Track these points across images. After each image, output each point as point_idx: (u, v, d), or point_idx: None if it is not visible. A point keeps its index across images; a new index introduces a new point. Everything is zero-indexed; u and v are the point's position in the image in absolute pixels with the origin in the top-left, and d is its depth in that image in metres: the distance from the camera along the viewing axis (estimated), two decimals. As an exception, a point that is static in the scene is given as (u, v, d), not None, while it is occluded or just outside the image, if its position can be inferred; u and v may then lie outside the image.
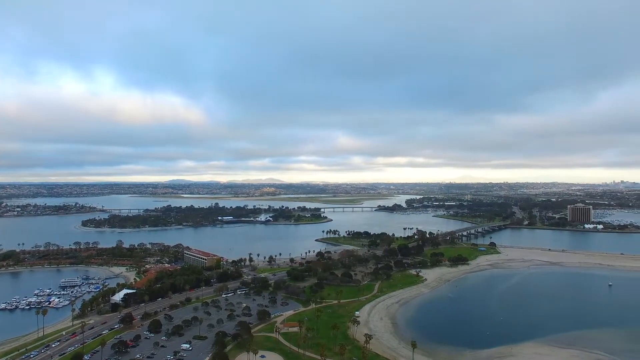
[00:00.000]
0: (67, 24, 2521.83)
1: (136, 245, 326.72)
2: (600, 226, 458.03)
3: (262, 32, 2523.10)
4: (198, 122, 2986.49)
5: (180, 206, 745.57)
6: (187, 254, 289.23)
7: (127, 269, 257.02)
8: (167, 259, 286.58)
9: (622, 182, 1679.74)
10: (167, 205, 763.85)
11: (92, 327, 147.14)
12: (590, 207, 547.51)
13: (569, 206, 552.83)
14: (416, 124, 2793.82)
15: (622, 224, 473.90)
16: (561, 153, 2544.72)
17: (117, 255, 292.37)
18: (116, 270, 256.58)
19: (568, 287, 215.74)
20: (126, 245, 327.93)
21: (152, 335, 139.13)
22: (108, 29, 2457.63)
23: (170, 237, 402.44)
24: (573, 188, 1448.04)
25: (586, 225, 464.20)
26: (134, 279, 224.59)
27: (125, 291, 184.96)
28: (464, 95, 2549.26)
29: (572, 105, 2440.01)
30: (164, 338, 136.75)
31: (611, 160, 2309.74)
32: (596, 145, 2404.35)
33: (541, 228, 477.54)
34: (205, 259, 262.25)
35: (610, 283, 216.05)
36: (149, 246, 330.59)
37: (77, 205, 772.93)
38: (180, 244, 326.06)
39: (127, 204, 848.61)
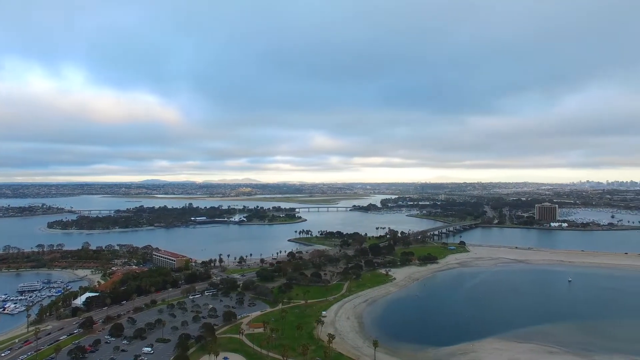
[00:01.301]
0: (34, 18, 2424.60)
1: (104, 247, 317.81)
2: (565, 224, 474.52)
3: (238, 31, 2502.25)
4: (173, 122, 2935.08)
5: (154, 207, 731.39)
6: (156, 255, 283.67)
7: (92, 271, 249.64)
8: (136, 261, 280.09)
9: (587, 182, 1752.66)
10: (140, 206, 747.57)
11: (49, 333, 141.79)
12: (556, 206, 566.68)
13: (536, 205, 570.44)
14: (392, 124, 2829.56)
15: (584, 222, 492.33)
16: (530, 154, 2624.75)
17: (83, 257, 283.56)
18: (81, 273, 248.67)
19: (531, 284, 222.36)
20: (94, 247, 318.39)
21: (113, 339, 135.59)
22: (78, 25, 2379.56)
23: (141, 238, 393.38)
24: (543, 188, 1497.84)
25: (552, 224, 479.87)
26: (98, 281, 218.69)
27: (87, 294, 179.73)
28: (438, 97, 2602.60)
29: (539, 108, 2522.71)
30: (125, 342, 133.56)
31: (577, 161, 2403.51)
32: (563, 146, 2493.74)
33: (510, 227, 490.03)
34: (174, 260, 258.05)
35: (570, 279, 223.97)
36: (117, 248, 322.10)
37: (44, 206, 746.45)
38: (150, 245, 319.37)
39: (98, 205, 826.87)
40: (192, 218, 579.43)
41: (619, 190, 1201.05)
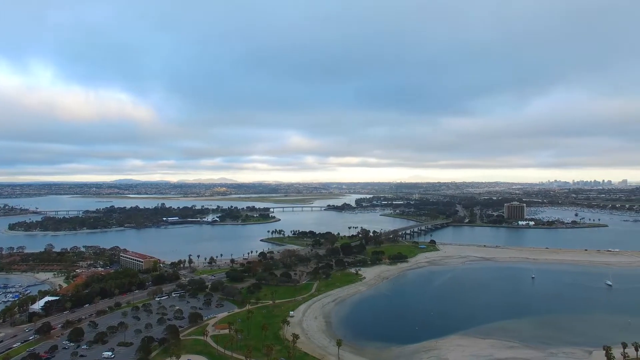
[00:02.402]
0: (0, 12, 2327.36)
1: (69, 249, 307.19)
2: (531, 223, 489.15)
3: (214, 31, 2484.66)
4: (147, 120, 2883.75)
5: (125, 207, 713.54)
6: (123, 256, 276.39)
7: (54, 274, 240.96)
8: (102, 263, 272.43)
9: (555, 181, 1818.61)
10: (111, 206, 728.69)
11: (1, 341, 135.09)
12: (524, 204, 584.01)
13: (505, 204, 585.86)
14: (367, 124, 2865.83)
15: (550, 220, 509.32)
16: (502, 154, 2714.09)
17: (45, 260, 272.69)
18: (42, 276, 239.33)
19: (496, 281, 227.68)
20: (58, 249, 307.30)
21: (72, 344, 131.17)
22: (46, 20, 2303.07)
23: (110, 239, 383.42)
24: (514, 187, 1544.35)
25: (520, 222, 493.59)
26: (59, 285, 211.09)
27: (47, 299, 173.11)
28: (412, 98, 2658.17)
29: (509, 109, 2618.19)
30: (84, 347, 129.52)
31: (546, 161, 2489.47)
32: (533, 147, 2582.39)
33: (480, 225, 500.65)
34: (142, 262, 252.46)
35: (533, 275, 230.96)
36: (83, 249, 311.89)
37: (6, 207, 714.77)
38: (117, 247, 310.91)
39: (66, 205, 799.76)
40: (164, 218, 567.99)
41: (584, 190, 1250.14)
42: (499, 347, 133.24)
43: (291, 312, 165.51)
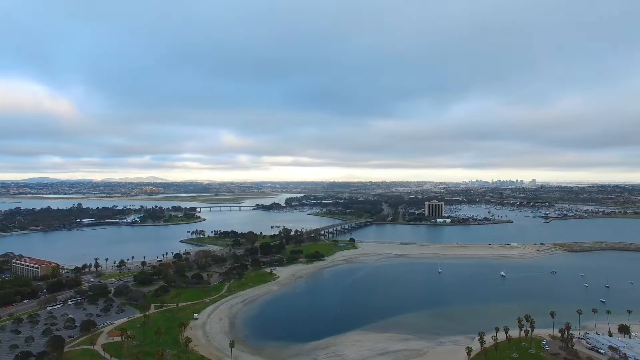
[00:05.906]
0: None
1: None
2: (448, 220, 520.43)
3: (136, 23, 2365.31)
4: (66, 115, 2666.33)
5: (34, 208, 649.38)
6: (16, 263, 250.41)
7: None
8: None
9: (477, 181, 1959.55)
10: (16, 207, 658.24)
11: None
12: (443, 203, 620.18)
13: (425, 203, 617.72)
14: (299, 124, 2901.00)
15: (465, 217, 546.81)
16: (429, 154, 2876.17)
17: None
18: None
19: (406, 276, 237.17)
20: None
21: None
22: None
23: (6, 244, 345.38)
24: (440, 186, 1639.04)
25: (438, 220, 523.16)
26: None
27: None
28: (340, 100, 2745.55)
29: (431, 113, 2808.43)
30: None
31: (469, 162, 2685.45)
32: (457, 148, 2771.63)
33: (402, 223, 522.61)
34: (39, 268, 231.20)
35: (440, 270, 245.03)
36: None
37: None
38: (11, 252, 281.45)
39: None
40: (78, 220, 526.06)
41: (499, 189, 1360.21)
42: (394, 340, 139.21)
43: (196, 315, 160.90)
